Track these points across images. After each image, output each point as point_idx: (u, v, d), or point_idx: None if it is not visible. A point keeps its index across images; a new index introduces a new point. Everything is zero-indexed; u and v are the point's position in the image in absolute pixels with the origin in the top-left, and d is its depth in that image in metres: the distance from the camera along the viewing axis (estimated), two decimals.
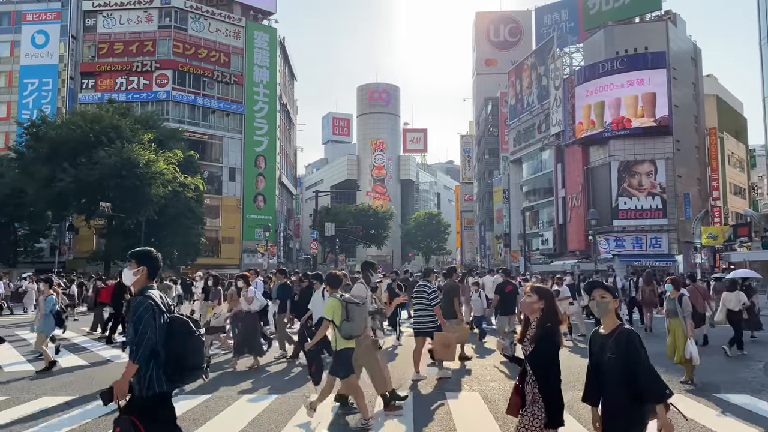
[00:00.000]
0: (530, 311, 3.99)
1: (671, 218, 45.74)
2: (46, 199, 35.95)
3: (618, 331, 3.69)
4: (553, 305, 3.97)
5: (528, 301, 3.99)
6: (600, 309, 3.85)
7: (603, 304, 3.83)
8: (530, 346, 3.91)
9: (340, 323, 6.44)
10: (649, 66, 46.28)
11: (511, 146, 66.11)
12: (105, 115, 36.39)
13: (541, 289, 4.05)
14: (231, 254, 56.35)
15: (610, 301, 3.83)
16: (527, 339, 3.96)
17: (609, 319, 3.81)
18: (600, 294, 3.86)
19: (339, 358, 6.48)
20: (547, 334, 3.86)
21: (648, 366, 3.56)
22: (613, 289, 3.93)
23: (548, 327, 3.88)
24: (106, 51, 55.57)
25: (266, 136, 60.76)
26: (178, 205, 39.59)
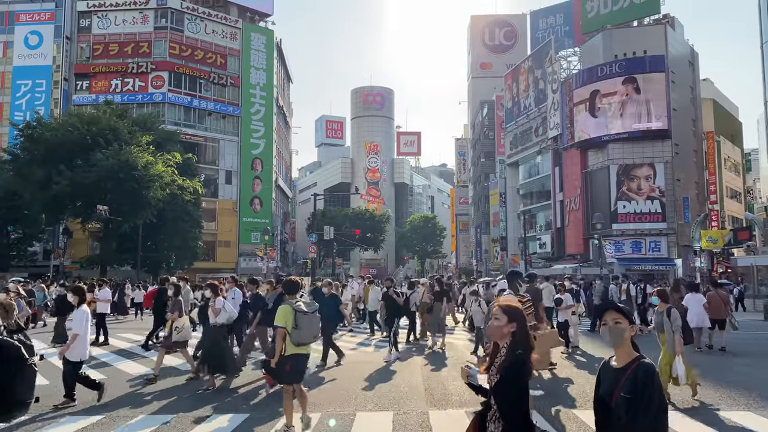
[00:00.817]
0: (499, 336, 3.41)
1: (670, 222, 45.64)
2: (42, 201, 35.35)
3: (635, 365, 3.01)
4: (525, 328, 3.40)
5: (496, 324, 3.39)
6: (613, 337, 3.16)
7: (617, 331, 3.15)
8: (496, 376, 3.30)
9: (290, 330, 6.54)
10: (647, 69, 46.24)
11: (508, 149, 65.95)
12: (102, 117, 35.81)
13: (511, 309, 3.43)
14: (227, 258, 55.77)
15: (626, 327, 3.14)
16: (494, 368, 3.36)
17: (624, 349, 3.13)
18: (613, 318, 3.17)
19: (293, 364, 6.65)
20: (516, 363, 3.25)
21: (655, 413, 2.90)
22: (630, 313, 3.24)
23: (518, 355, 3.27)
24: (100, 52, 54.90)
25: (263, 139, 60.25)
26: (176, 208, 39.10)
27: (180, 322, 10.08)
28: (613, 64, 47.67)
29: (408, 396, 8.85)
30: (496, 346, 3.46)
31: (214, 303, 9.45)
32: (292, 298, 7.00)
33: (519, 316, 3.40)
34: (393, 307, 13.43)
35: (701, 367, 11.36)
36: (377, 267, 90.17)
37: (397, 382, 9.88)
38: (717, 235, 44.60)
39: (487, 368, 3.44)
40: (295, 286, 7.29)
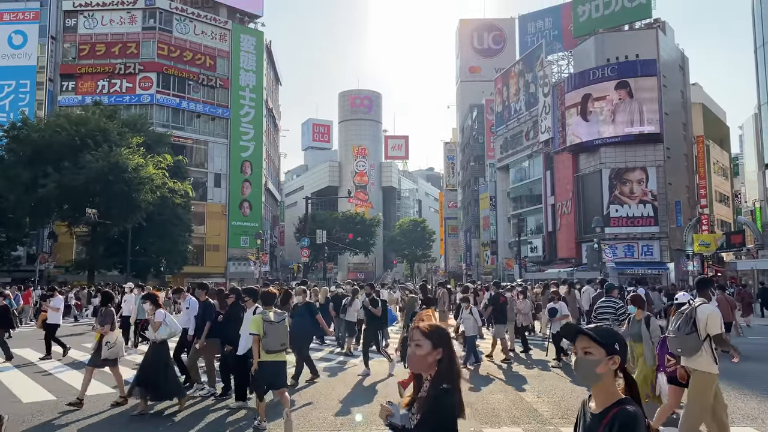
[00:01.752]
0: (422, 367, 2.74)
1: (662, 226, 45.70)
2: (27, 204, 34.37)
3: (614, 412, 2.29)
4: (453, 356, 2.75)
5: (418, 353, 2.72)
6: (581, 372, 2.40)
7: (585, 365, 2.38)
8: (416, 417, 2.69)
9: (262, 338, 7.00)
10: (639, 73, 46.39)
11: (498, 153, 65.89)
12: (91, 117, 34.92)
13: (436, 332, 2.76)
14: (216, 262, 54.86)
15: (600, 360, 2.35)
16: (415, 406, 2.75)
17: (601, 388, 2.38)
18: (583, 347, 2.39)
19: (259, 370, 7.05)
20: (440, 400, 2.62)
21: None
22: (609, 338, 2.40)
23: (443, 390, 2.63)
24: (87, 52, 53.78)
25: (252, 141, 59.48)
26: (165, 211, 38.31)
27: (112, 337, 8.82)
28: (605, 67, 47.73)
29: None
30: (418, 379, 2.81)
31: (153, 316, 8.44)
32: (268, 309, 7.41)
33: (445, 341, 2.74)
34: (372, 318, 11.75)
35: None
36: (365, 271, 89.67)
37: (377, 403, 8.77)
38: (709, 239, 44.66)
39: (408, 405, 2.78)
40: (272, 297, 7.75)
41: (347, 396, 9.33)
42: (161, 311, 8.52)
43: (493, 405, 8.59)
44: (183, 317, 10.26)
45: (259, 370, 7.03)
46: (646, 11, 50.57)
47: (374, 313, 11.68)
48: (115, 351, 8.78)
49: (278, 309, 7.72)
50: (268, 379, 7.07)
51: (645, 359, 7.57)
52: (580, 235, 48.72)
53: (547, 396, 9.22)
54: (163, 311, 8.62)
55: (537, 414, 7.99)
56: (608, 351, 2.35)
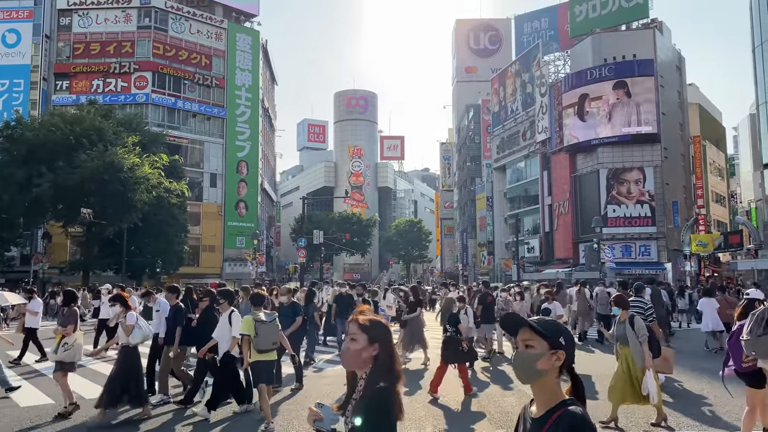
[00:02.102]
0: (356, 363, 2.48)
1: (660, 226, 45.62)
2: (21, 204, 33.94)
3: (558, 414, 2.00)
4: (391, 351, 2.49)
5: (352, 348, 2.45)
6: (520, 367, 2.10)
7: (526, 359, 2.08)
8: (351, 421, 2.39)
9: (252, 338, 7.25)
10: (636, 73, 46.36)
11: (495, 153, 65.75)
12: (86, 117, 34.51)
13: (373, 325, 2.48)
14: (212, 263, 54.49)
15: (542, 354, 2.06)
16: (349, 408, 2.46)
17: (542, 388, 2.07)
18: (525, 339, 2.10)
19: (254, 369, 7.39)
20: (376, 402, 2.35)
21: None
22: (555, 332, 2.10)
23: (379, 389, 2.37)
24: (81, 51, 53.37)
25: (248, 141, 59.14)
26: (161, 212, 37.94)
27: (71, 339, 8.16)
28: (602, 67, 47.66)
29: None
30: (353, 379, 2.55)
31: (124, 319, 7.87)
32: (258, 309, 7.67)
33: (382, 335, 2.47)
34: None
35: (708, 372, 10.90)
36: (361, 272, 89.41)
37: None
38: (707, 239, 44.64)
39: (342, 407, 2.50)
40: (261, 299, 8.04)
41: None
42: (133, 314, 7.99)
43: (507, 408, 8.41)
44: (154, 321, 9.79)
45: (253, 370, 7.34)
46: (643, 11, 50.55)
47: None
48: (71, 354, 8.16)
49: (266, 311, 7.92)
50: (263, 378, 7.31)
51: (634, 360, 7.21)
52: (577, 236, 48.63)
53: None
54: (135, 314, 8.10)
55: None
56: (552, 344, 2.06)
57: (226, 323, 7.77)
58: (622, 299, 7.88)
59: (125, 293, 9.93)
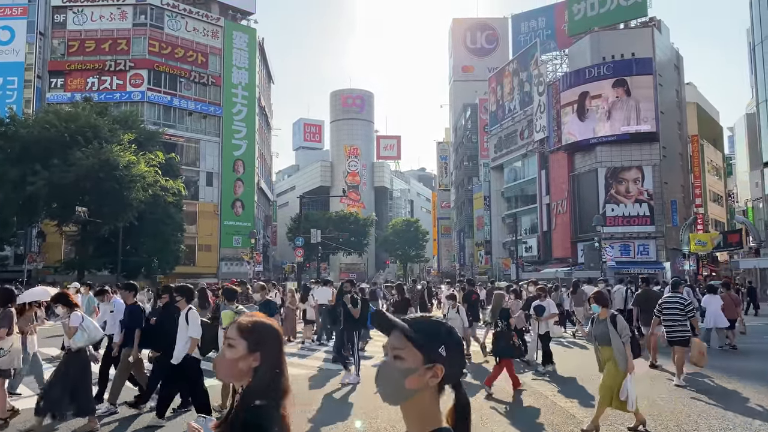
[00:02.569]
0: (232, 374, 2.02)
1: (659, 225, 45.48)
2: (15, 203, 33.43)
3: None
4: (276, 363, 2.01)
5: (227, 356, 2.00)
6: (385, 385, 1.63)
7: (391, 374, 1.61)
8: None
9: None
10: (635, 72, 46.23)
11: (492, 153, 65.57)
12: (81, 114, 34.01)
13: (255, 329, 2.03)
14: (208, 263, 53.99)
15: (415, 369, 1.59)
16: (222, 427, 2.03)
17: (412, 413, 1.62)
18: (394, 347, 1.63)
19: None
20: (250, 425, 1.90)
21: None
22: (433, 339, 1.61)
23: (254, 408, 1.92)
24: (76, 49, 52.80)
25: (245, 140, 58.69)
26: (157, 210, 37.49)
27: (6, 343, 7.27)
28: (601, 66, 47.52)
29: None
30: (232, 391, 2.10)
31: (67, 320, 7.05)
32: (231, 304, 7.87)
33: (266, 342, 2.02)
34: (350, 318, 10.77)
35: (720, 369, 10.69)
36: (357, 271, 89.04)
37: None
38: (706, 239, 44.54)
39: (219, 425, 2.06)
40: (234, 293, 8.26)
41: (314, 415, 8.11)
42: (77, 314, 7.13)
43: (529, 412, 8.16)
44: (109, 322, 8.99)
45: None
46: (642, 9, 50.44)
47: (353, 313, 10.66)
48: (6, 361, 7.30)
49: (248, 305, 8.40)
50: None
51: (617, 362, 6.72)
52: (575, 235, 48.47)
53: (579, 399, 8.81)
54: (80, 314, 7.22)
55: (576, 419, 7.55)
56: (428, 357, 1.58)
57: (183, 322, 7.22)
58: (601, 296, 7.40)
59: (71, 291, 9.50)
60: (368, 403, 8.31)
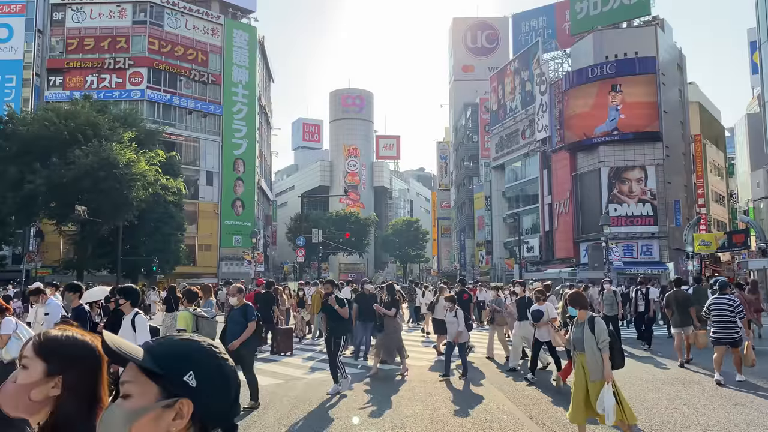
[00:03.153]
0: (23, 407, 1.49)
1: (662, 225, 45.19)
2: (14, 202, 32.94)
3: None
4: (86, 392, 1.53)
5: (20, 381, 1.50)
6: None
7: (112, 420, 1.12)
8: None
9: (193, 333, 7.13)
10: (638, 71, 45.94)
11: (493, 152, 65.27)
12: (81, 111, 33.51)
13: (58, 345, 1.55)
14: (208, 263, 53.55)
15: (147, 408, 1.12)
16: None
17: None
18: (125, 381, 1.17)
19: None
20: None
21: None
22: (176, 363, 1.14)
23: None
24: (75, 47, 52.34)
25: (245, 139, 58.24)
26: (158, 209, 37.07)
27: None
28: (604, 65, 47.24)
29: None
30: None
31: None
32: (190, 306, 7.85)
33: (72, 363, 1.53)
34: (336, 320, 9.72)
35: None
36: (356, 272, 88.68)
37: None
38: (710, 239, 44.16)
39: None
40: (194, 295, 8.20)
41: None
42: (10, 320, 5.94)
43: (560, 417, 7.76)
44: (43, 327, 7.74)
45: None
46: (645, 8, 50.19)
47: (340, 313, 9.62)
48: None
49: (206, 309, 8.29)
50: None
51: (592, 371, 6.02)
52: (578, 235, 48.17)
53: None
54: (13, 320, 6.07)
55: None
56: (166, 390, 1.13)
57: (128, 329, 6.20)
58: (578, 297, 6.57)
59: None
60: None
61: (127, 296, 6.40)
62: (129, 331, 6.20)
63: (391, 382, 10.45)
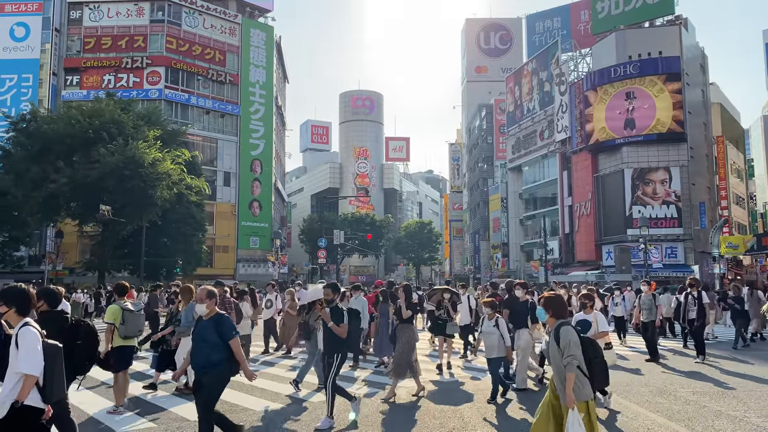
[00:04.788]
0: None
1: (686, 227, 44.47)
2: (36, 201, 32.39)
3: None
4: None
5: None
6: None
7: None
8: None
9: (118, 326, 7.63)
10: (662, 71, 45.29)
11: (510, 153, 64.63)
12: (105, 109, 32.97)
13: None
14: (225, 264, 52.95)
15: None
16: None
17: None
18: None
19: (119, 354, 7.56)
20: None
21: None
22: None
23: None
24: (92, 46, 51.92)
25: (262, 140, 57.70)
26: (180, 210, 36.46)
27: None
28: (627, 65, 46.60)
29: None
30: None
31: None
32: (121, 299, 8.08)
33: None
34: (332, 338, 7.39)
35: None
36: (366, 274, 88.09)
37: None
38: (738, 241, 43.58)
39: None
40: (124, 289, 8.33)
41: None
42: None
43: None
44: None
45: (116, 354, 7.45)
46: (669, 7, 49.56)
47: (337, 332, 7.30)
48: None
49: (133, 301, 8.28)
50: (123, 365, 7.69)
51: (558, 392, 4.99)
52: (600, 237, 47.50)
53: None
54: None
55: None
56: None
57: (12, 347, 4.25)
58: (554, 300, 5.33)
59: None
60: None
61: (9, 302, 4.41)
62: (12, 350, 4.27)
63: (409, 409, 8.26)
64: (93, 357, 5.50)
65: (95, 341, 5.52)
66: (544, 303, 5.30)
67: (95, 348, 5.52)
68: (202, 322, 5.91)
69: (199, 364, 5.75)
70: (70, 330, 5.35)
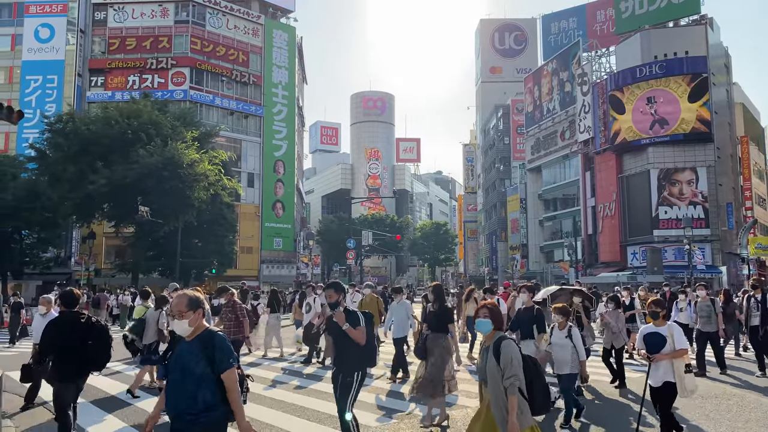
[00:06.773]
0: None
1: (713, 228, 44.30)
2: (73, 203, 32.30)
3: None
4: None
5: None
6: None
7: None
8: None
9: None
10: (688, 71, 45.14)
11: (529, 154, 64.52)
12: (143, 110, 32.85)
13: None
14: (249, 265, 52.72)
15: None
16: None
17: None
18: None
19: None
20: None
21: None
22: None
23: None
24: (117, 47, 51.80)
25: (285, 140, 57.60)
26: (213, 210, 36.37)
27: None
28: (652, 65, 46.47)
29: None
30: None
31: None
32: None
33: None
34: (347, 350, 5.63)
35: None
36: (379, 275, 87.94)
37: None
38: (767, 242, 43.38)
39: None
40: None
41: None
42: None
43: None
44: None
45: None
46: (695, 6, 49.42)
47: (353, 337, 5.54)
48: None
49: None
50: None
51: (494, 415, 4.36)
52: (624, 238, 47.35)
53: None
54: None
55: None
56: None
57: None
58: (491, 310, 4.66)
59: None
60: None
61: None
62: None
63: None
64: (106, 354, 6.07)
65: (107, 340, 6.12)
66: (487, 313, 4.60)
67: (108, 346, 6.09)
68: (182, 345, 3.93)
69: (178, 409, 3.73)
70: (84, 329, 5.93)
